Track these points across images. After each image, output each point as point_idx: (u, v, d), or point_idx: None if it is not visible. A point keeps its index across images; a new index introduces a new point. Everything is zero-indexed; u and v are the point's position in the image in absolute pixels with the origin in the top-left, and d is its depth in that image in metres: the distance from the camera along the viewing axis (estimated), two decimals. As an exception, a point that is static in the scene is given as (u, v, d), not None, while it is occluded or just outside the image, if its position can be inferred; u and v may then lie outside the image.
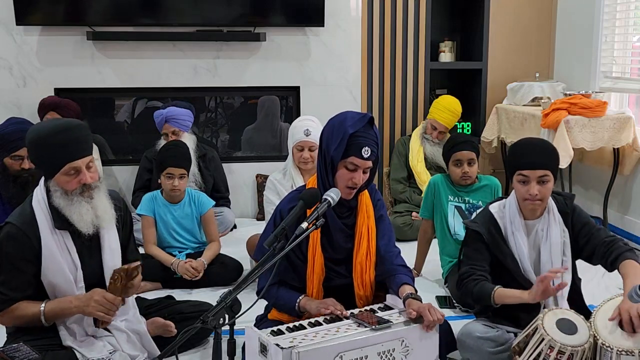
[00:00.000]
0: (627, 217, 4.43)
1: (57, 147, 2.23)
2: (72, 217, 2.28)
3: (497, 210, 2.59)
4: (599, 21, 4.71)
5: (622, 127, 4.17)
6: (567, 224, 2.55)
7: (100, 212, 2.32)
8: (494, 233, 2.55)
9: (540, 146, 2.52)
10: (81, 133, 2.30)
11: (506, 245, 2.53)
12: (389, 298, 2.35)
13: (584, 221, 2.56)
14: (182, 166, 3.45)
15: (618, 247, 2.43)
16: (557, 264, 2.50)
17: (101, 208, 2.32)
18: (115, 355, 2.34)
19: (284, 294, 2.38)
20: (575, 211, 2.58)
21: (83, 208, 2.28)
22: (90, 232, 2.32)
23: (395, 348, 2.10)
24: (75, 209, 2.27)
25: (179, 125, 4.27)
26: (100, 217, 2.33)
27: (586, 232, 2.53)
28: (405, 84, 5.12)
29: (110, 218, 2.37)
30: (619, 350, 2.11)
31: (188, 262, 3.36)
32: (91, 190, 2.30)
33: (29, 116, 4.10)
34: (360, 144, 2.22)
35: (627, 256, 2.39)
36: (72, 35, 4.53)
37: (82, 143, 2.28)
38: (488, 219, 2.58)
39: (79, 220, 2.28)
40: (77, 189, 2.27)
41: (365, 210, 2.40)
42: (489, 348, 2.44)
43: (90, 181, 2.29)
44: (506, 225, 2.54)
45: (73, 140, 2.25)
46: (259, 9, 4.64)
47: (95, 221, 2.32)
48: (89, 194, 2.30)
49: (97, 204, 2.32)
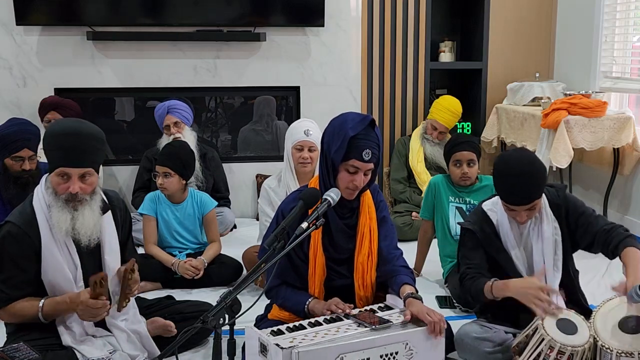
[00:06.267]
0: (627, 217, 4.43)
1: (59, 148, 2.23)
2: (52, 219, 2.26)
3: (490, 207, 2.58)
4: (599, 21, 4.71)
5: (622, 127, 4.17)
6: (561, 216, 2.52)
7: (79, 226, 2.27)
8: (487, 231, 2.55)
9: (525, 183, 2.35)
10: (89, 143, 2.26)
11: (500, 242, 2.53)
12: (389, 298, 2.36)
13: (580, 210, 2.52)
14: (165, 165, 3.42)
15: (618, 234, 2.40)
16: (549, 262, 2.49)
17: (80, 222, 2.27)
18: (115, 355, 2.34)
19: (291, 296, 2.38)
20: (569, 202, 2.54)
21: (62, 215, 2.25)
22: (62, 239, 2.28)
23: (399, 351, 2.09)
24: (55, 213, 2.25)
25: (180, 115, 4.28)
26: (77, 230, 2.28)
27: (583, 222, 2.50)
28: (405, 84, 5.12)
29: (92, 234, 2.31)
30: (618, 351, 2.11)
31: (188, 262, 3.36)
32: (77, 201, 2.26)
33: (29, 116, 4.10)
34: (361, 146, 2.22)
35: (628, 243, 2.36)
36: (72, 35, 4.53)
37: (84, 153, 2.25)
38: (481, 217, 2.58)
39: (55, 225, 2.26)
40: (64, 194, 2.25)
41: (367, 210, 2.40)
42: (486, 348, 2.44)
43: (76, 191, 2.24)
44: (499, 223, 2.54)
45: (78, 147, 2.23)
46: (259, 9, 4.64)
47: (70, 232, 2.28)
48: (74, 204, 2.26)
49: (79, 216, 2.27)
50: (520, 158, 2.41)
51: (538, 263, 2.50)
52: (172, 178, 3.44)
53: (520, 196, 2.37)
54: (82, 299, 2.25)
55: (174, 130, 4.25)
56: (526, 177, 2.35)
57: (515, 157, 2.44)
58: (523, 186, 2.35)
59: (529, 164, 2.39)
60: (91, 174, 2.28)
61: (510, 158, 2.44)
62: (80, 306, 2.25)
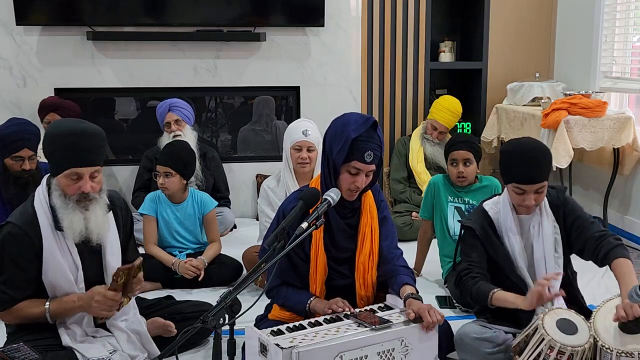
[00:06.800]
0: (627, 217, 4.43)
1: (66, 149, 2.22)
2: (63, 221, 2.26)
3: (490, 207, 2.60)
4: (599, 21, 4.71)
5: (622, 127, 4.17)
6: (559, 217, 2.53)
7: (92, 225, 2.28)
8: (488, 230, 2.55)
9: (536, 158, 2.42)
10: (96, 142, 2.27)
11: (500, 242, 2.54)
12: (389, 298, 2.36)
13: (577, 214, 2.54)
14: (166, 164, 3.42)
15: (608, 243, 2.41)
16: (550, 260, 2.50)
17: (93, 221, 2.29)
18: (115, 355, 2.34)
19: (292, 295, 2.38)
20: (567, 204, 2.56)
21: (75, 217, 2.25)
22: (76, 241, 2.29)
23: (395, 348, 2.11)
24: (68, 215, 2.25)
25: (181, 113, 4.28)
26: (90, 230, 2.29)
27: (578, 226, 2.51)
28: (405, 84, 5.12)
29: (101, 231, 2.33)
30: (618, 351, 2.11)
31: (188, 262, 3.36)
32: (88, 201, 2.27)
33: (29, 116, 4.10)
34: (363, 148, 2.22)
35: (617, 253, 2.36)
36: (72, 35, 4.53)
37: (93, 152, 2.26)
38: (482, 216, 2.59)
39: (68, 227, 2.26)
40: (75, 195, 2.25)
41: (369, 210, 2.40)
42: (485, 349, 2.44)
43: (89, 190, 2.25)
44: (500, 222, 2.55)
45: (85, 146, 2.23)
46: (259, 9, 4.64)
47: (84, 232, 2.28)
48: (85, 204, 2.27)
49: (91, 216, 2.28)
50: (529, 140, 2.54)
51: (539, 261, 2.51)
52: (173, 178, 3.44)
53: (532, 173, 2.41)
54: (101, 289, 2.25)
55: (174, 128, 4.24)
56: (538, 154, 2.44)
57: (524, 139, 2.57)
58: (535, 163, 2.42)
59: (537, 144, 2.51)
60: (99, 172, 2.30)
61: (519, 141, 2.56)
62: (97, 297, 2.24)
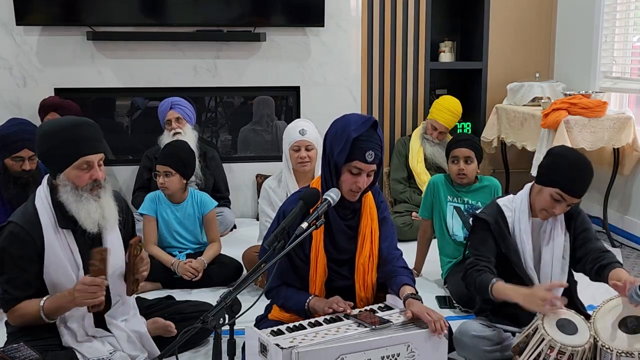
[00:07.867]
0: (627, 217, 4.43)
1: (71, 141, 2.24)
2: (80, 214, 2.27)
3: (505, 203, 2.62)
4: (599, 21, 4.71)
5: (622, 127, 4.17)
6: (570, 226, 2.58)
7: (107, 213, 2.33)
8: (501, 224, 2.57)
9: (590, 175, 2.48)
10: (96, 130, 2.35)
11: (511, 239, 2.55)
12: (389, 298, 2.36)
13: (586, 227, 2.59)
14: (166, 164, 3.43)
15: (610, 257, 2.47)
16: (556, 266, 2.53)
17: (107, 209, 2.33)
18: (115, 355, 2.34)
19: (292, 295, 2.38)
20: (580, 215, 2.61)
21: (91, 206, 2.28)
22: (94, 231, 2.31)
23: (401, 353, 2.07)
24: (84, 207, 2.27)
25: (182, 111, 4.28)
26: (106, 218, 2.33)
27: (583, 237, 2.56)
28: (405, 84, 5.12)
29: (114, 219, 2.37)
30: (618, 351, 2.12)
31: (188, 263, 3.36)
32: (100, 188, 2.31)
33: (29, 116, 4.10)
34: (364, 148, 2.21)
35: (616, 266, 2.41)
36: (72, 35, 4.53)
37: (98, 139, 2.32)
38: (497, 211, 2.60)
39: (86, 218, 2.28)
40: (87, 185, 2.27)
41: (369, 211, 2.39)
42: (485, 347, 2.44)
43: (102, 177, 2.30)
44: (513, 219, 2.56)
45: (87, 135, 2.28)
46: (259, 9, 4.64)
47: (101, 221, 2.31)
48: (97, 192, 2.30)
49: (104, 204, 2.32)
50: (583, 154, 2.54)
51: (545, 265, 2.54)
52: (173, 177, 3.45)
53: (582, 188, 2.46)
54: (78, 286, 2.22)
55: (175, 125, 4.25)
56: (591, 171, 2.50)
57: (578, 152, 2.58)
58: (588, 179, 2.48)
59: (589, 160, 2.53)
60: (102, 160, 2.35)
61: (576, 152, 2.57)
62: (77, 286, 2.22)
